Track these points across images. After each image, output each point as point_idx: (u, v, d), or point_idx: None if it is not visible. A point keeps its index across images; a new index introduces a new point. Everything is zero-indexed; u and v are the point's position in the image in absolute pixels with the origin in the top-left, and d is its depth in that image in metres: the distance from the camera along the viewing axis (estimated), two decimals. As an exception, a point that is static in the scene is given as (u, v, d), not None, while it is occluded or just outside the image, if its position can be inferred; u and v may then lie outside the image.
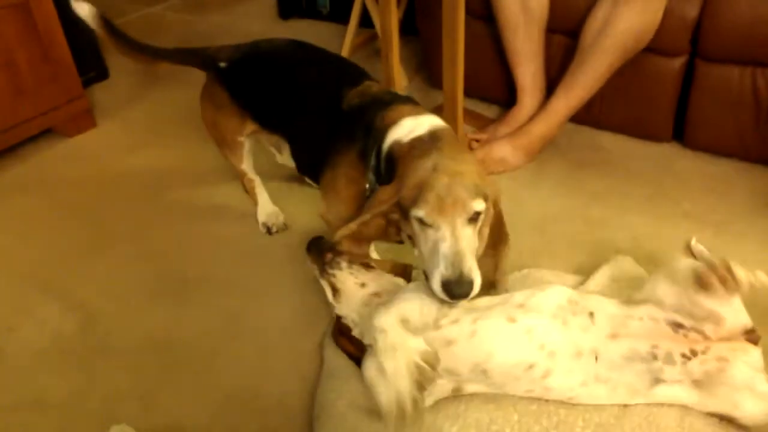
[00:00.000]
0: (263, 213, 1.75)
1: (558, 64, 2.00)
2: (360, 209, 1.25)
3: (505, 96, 2.15)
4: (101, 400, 1.31)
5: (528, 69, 2.00)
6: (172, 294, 1.55)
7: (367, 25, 2.59)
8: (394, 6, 1.86)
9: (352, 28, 2.58)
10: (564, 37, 1.97)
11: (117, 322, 1.49)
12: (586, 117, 2.02)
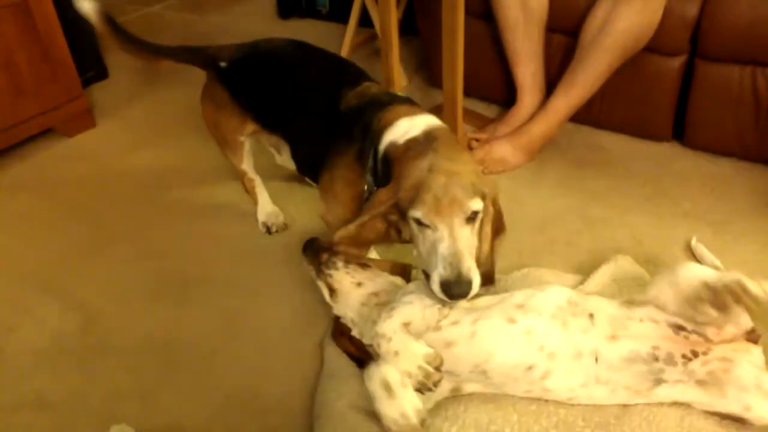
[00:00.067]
0: (263, 213, 1.75)
1: (558, 64, 2.00)
2: (359, 211, 1.25)
3: (505, 95, 2.15)
4: (101, 400, 1.31)
5: (528, 68, 2.00)
6: (172, 294, 1.56)
7: (367, 25, 2.58)
8: (393, 5, 1.86)
9: (351, 28, 2.58)
10: (564, 36, 1.97)
11: (117, 322, 1.49)
12: (586, 116, 2.02)
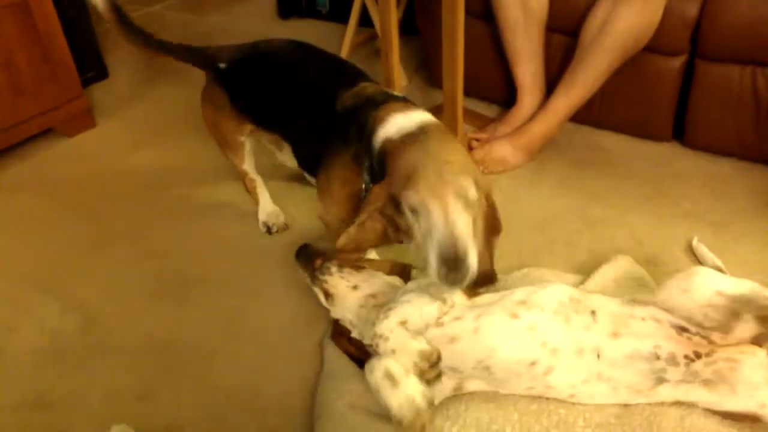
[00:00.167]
0: (264, 212, 1.75)
1: (558, 64, 2.00)
2: (356, 210, 1.25)
3: (505, 95, 2.15)
4: (101, 400, 1.31)
5: (528, 68, 2.00)
6: (172, 294, 1.55)
7: (367, 25, 2.58)
8: (393, 5, 1.86)
9: (351, 28, 2.58)
10: (564, 36, 1.97)
11: (117, 322, 1.49)
12: (586, 116, 2.02)
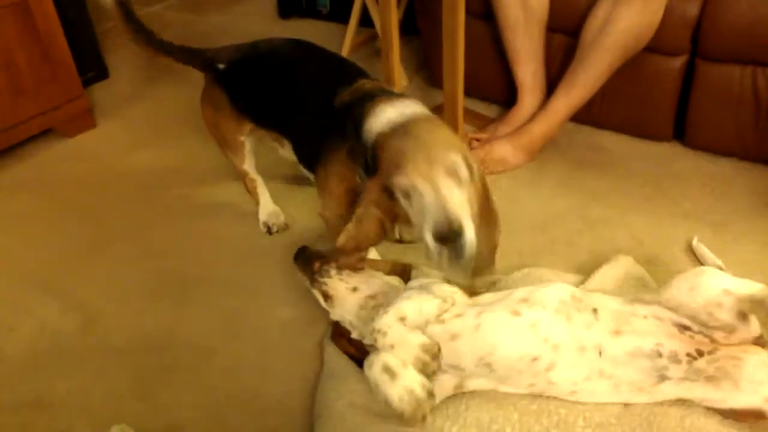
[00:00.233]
0: (264, 212, 1.75)
1: (558, 64, 2.00)
2: (353, 205, 1.26)
3: (506, 95, 2.14)
4: (101, 400, 1.30)
5: (528, 68, 2.00)
6: (172, 294, 1.55)
7: (368, 25, 2.58)
8: (394, 5, 1.86)
9: (352, 28, 2.58)
10: (564, 36, 1.97)
11: (117, 322, 1.49)
12: (587, 116, 2.02)
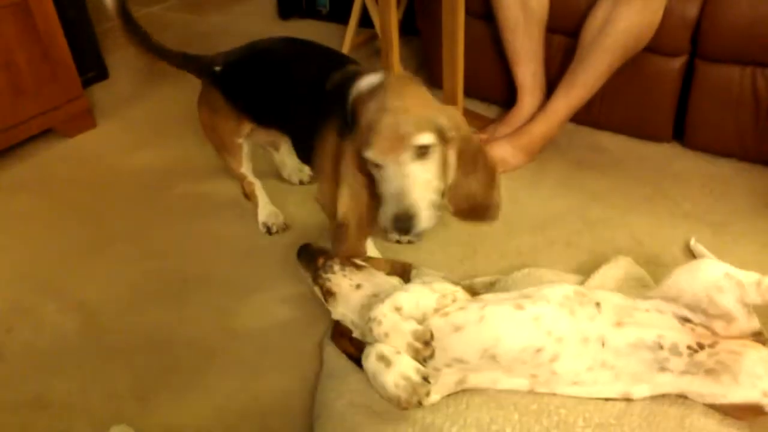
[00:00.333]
0: (263, 213, 1.75)
1: (558, 65, 2.00)
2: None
3: (505, 96, 2.15)
4: (101, 400, 1.30)
5: (528, 69, 2.00)
6: (172, 294, 1.55)
7: (367, 25, 2.58)
8: (393, 6, 1.86)
9: (351, 28, 2.58)
10: (564, 37, 1.97)
11: (117, 322, 1.49)
12: (586, 117, 2.02)
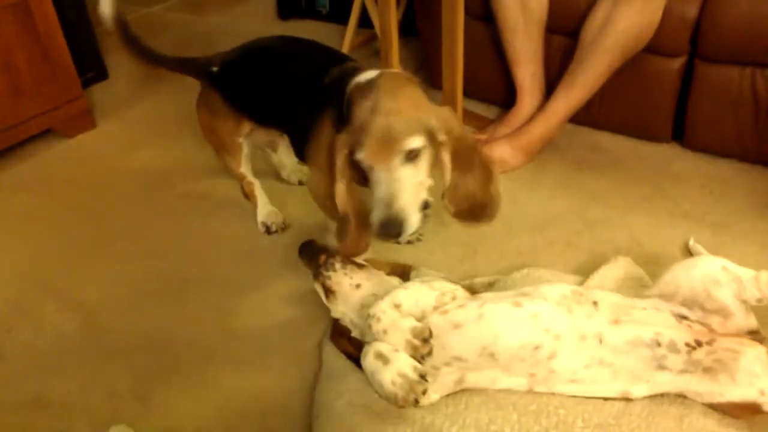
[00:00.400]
0: (262, 212, 1.75)
1: (557, 65, 2.00)
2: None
3: (505, 97, 2.15)
4: (101, 400, 1.31)
5: (527, 69, 2.00)
6: (172, 294, 1.56)
7: (367, 26, 2.58)
8: (393, 6, 1.86)
9: (351, 29, 2.58)
10: (563, 37, 1.97)
11: (117, 322, 1.49)
12: (586, 117, 2.02)
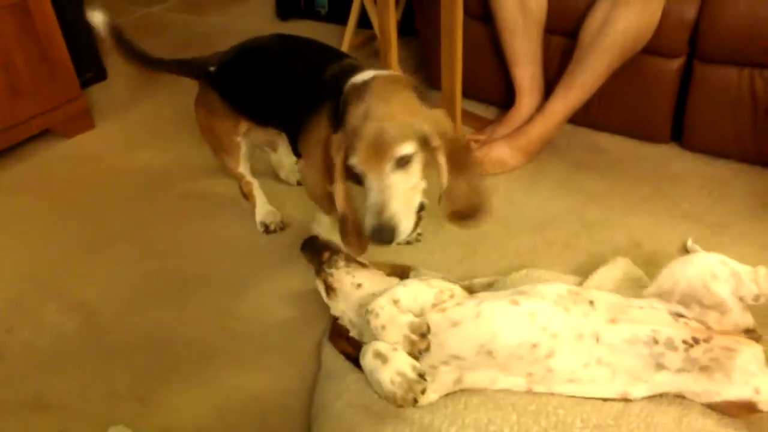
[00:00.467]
0: (261, 212, 1.75)
1: (556, 66, 2.00)
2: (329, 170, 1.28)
3: (504, 97, 2.15)
4: (101, 400, 1.31)
5: (526, 70, 2.00)
6: (172, 294, 1.56)
7: (366, 26, 2.59)
8: (392, 6, 1.86)
9: (350, 29, 2.58)
10: (563, 38, 1.98)
11: (117, 322, 1.49)
12: (585, 118, 2.02)
